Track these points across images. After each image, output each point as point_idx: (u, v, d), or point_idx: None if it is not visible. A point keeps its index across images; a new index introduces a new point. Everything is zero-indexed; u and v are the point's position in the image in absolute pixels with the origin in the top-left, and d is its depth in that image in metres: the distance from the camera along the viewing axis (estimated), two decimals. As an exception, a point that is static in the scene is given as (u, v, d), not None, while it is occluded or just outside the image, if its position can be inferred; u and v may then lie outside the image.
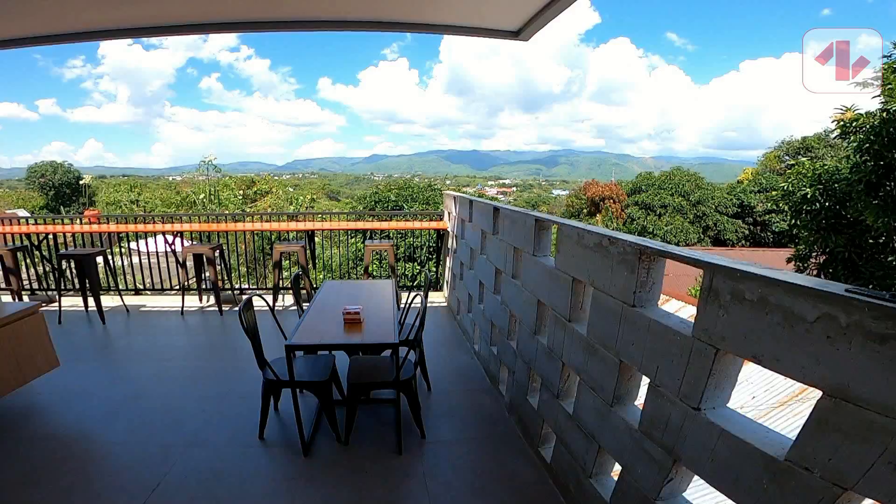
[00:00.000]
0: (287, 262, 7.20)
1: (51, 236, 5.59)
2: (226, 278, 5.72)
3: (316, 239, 5.96)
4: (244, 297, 5.98)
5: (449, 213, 5.60)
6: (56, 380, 3.73)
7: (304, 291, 5.76)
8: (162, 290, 6.07)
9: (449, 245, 5.65)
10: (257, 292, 6.03)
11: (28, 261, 5.66)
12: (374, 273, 8.77)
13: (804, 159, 7.49)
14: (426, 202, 11.07)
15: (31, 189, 41.23)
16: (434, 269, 9.81)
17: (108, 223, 5.64)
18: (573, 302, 2.29)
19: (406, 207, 10.80)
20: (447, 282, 5.88)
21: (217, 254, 5.24)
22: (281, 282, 5.63)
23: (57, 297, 5.09)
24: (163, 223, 5.77)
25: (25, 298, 5.78)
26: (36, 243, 5.56)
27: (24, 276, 5.79)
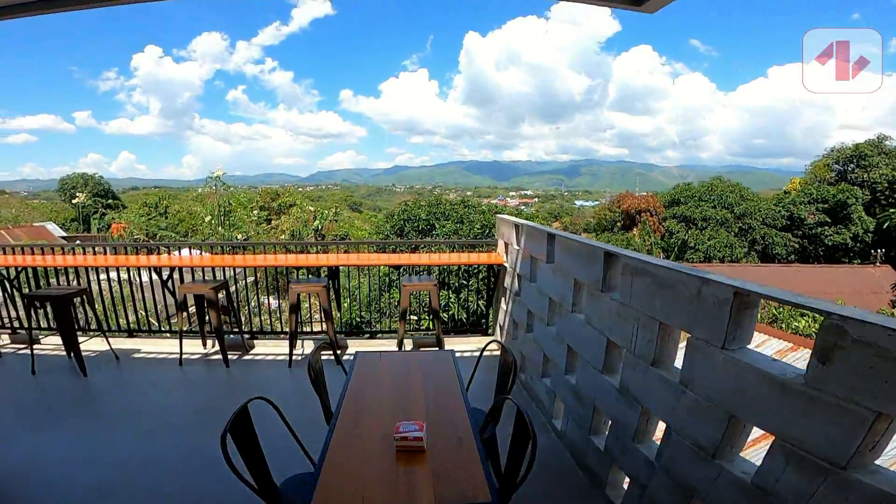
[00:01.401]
0: (306, 301, 6.19)
1: (30, 268, 4.69)
2: (233, 320, 4.72)
3: (341, 269, 4.92)
4: (254, 339, 4.96)
5: (507, 245, 4.49)
6: (5, 457, 2.88)
7: (324, 334, 4.71)
8: (160, 332, 5.10)
9: (506, 283, 4.53)
10: (271, 343, 5.00)
11: (6, 296, 4.79)
12: (413, 312, 7.67)
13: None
14: (460, 220, 9.98)
15: (63, 201, 42.02)
16: (471, 298, 8.65)
17: (94, 254, 4.70)
18: (865, 441, 1.15)
19: (438, 227, 9.74)
20: (502, 326, 4.75)
21: (221, 294, 4.24)
22: (299, 326, 4.60)
23: (29, 342, 4.16)
24: (158, 254, 4.81)
25: (5, 338, 4.91)
26: (13, 276, 4.68)
27: (2, 312, 4.92)
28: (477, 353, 5.00)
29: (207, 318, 4.57)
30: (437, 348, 4.91)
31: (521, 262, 4.01)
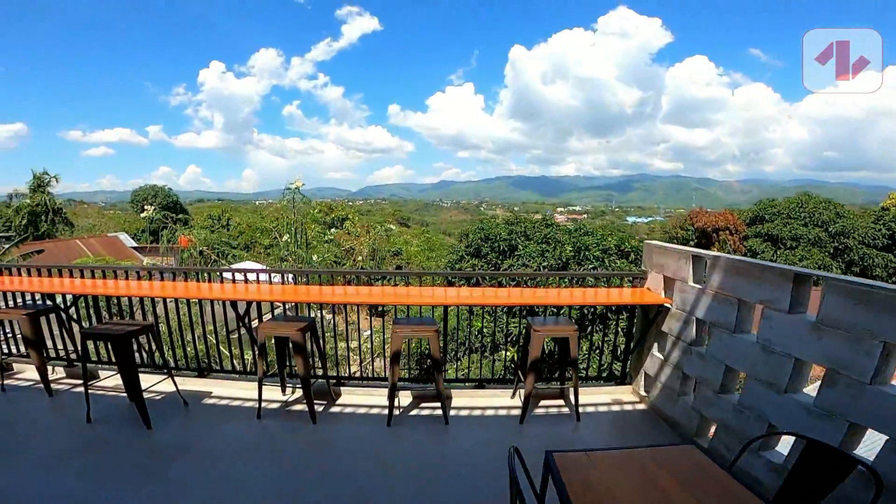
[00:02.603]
0: (407, 346, 5.33)
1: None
2: (318, 363, 3.91)
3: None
4: (341, 387, 4.12)
5: (670, 280, 3.43)
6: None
7: (431, 384, 3.82)
8: (233, 372, 4.36)
9: (667, 328, 3.46)
10: (361, 392, 4.13)
11: (61, 323, 4.21)
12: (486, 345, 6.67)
13: None
14: (544, 241, 8.93)
15: (135, 212, 44.48)
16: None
17: (162, 279, 4.04)
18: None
19: (521, 248, 8.74)
20: (650, 376, 3.69)
21: (307, 336, 3.43)
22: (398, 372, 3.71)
23: (85, 384, 3.50)
24: (233, 281, 4.08)
25: (59, 372, 4.33)
26: (69, 302, 4.11)
27: (59, 342, 4.35)
28: (606, 406, 3.96)
29: (288, 360, 3.80)
30: (561, 401, 3.91)
31: (707, 306, 2.95)
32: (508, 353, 6.55)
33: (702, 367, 3.01)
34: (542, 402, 3.98)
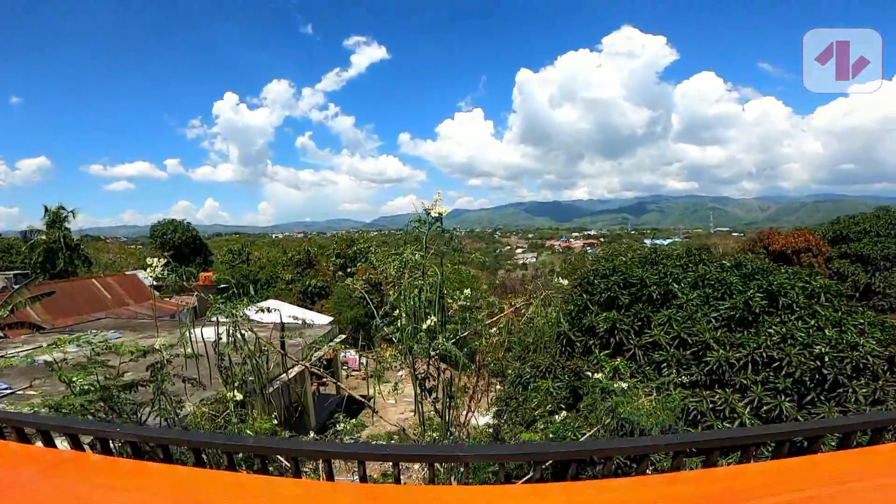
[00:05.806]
0: None
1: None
2: None
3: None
4: None
5: None
6: None
7: None
8: None
9: None
10: None
11: None
12: None
13: None
14: (705, 283, 6.50)
15: (153, 247, 42.86)
16: None
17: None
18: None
19: (681, 295, 6.34)
20: None
21: None
22: None
23: None
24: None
25: None
26: None
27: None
28: None
29: None
30: None
31: None
32: None
33: None
34: None
